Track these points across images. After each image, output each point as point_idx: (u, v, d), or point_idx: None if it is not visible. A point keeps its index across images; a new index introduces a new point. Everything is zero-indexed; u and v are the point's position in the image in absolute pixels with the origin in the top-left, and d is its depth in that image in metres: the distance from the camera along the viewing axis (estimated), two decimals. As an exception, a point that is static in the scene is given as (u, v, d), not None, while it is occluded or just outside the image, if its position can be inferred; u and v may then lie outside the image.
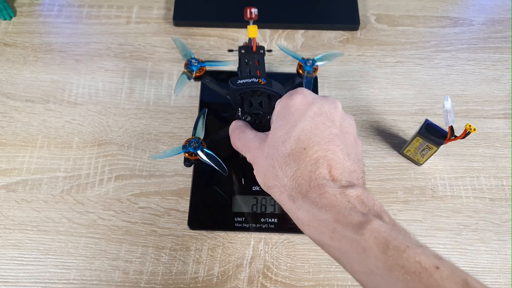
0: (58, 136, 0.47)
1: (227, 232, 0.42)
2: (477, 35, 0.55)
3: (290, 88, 0.37)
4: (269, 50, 0.46)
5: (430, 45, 0.54)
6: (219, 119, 0.48)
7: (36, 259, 0.41)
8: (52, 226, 0.42)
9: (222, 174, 0.38)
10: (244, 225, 0.42)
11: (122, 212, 0.43)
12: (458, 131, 0.39)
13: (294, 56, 0.46)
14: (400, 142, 0.47)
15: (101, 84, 0.50)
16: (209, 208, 0.43)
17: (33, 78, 0.51)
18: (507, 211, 0.44)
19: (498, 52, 0.53)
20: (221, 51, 0.53)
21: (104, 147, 0.47)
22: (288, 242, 0.42)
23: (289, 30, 0.55)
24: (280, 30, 0.55)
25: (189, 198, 0.43)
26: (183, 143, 0.39)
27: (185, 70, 0.44)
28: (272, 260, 0.41)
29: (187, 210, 0.43)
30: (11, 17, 0.55)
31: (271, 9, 0.55)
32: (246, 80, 0.36)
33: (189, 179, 0.45)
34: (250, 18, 0.40)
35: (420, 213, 0.44)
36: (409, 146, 0.44)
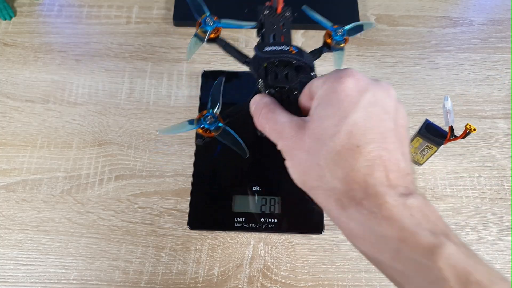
0: (58, 136, 0.47)
1: (227, 232, 0.42)
2: (477, 35, 0.55)
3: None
4: (295, 13, 0.40)
5: (430, 45, 0.54)
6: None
7: (36, 259, 0.41)
8: (52, 226, 0.42)
9: (241, 156, 0.34)
10: (244, 225, 0.42)
11: (122, 212, 0.43)
12: (458, 131, 0.39)
13: (322, 23, 0.41)
14: (400, 142, 0.47)
15: (101, 84, 0.50)
16: (209, 208, 0.43)
17: (33, 78, 0.51)
18: (507, 211, 0.44)
19: (498, 52, 0.53)
20: (221, 51, 0.53)
21: (104, 147, 0.47)
22: (288, 242, 0.42)
23: (289, 30, 0.55)
24: (280, 30, 0.55)
25: (189, 198, 0.43)
26: (197, 116, 0.34)
27: (198, 31, 0.38)
28: (272, 260, 0.41)
29: (187, 210, 0.43)
30: (11, 17, 0.55)
31: (271, 9, 0.55)
32: (275, 47, 0.31)
33: (189, 179, 0.45)
34: None
35: (420, 213, 0.44)
36: (409, 146, 0.44)
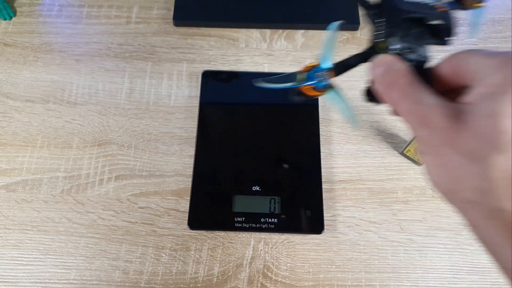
0: (58, 136, 0.47)
1: (227, 232, 0.42)
2: (477, 35, 0.55)
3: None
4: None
5: (430, 45, 0.54)
6: (218, 119, 0.48)
7: (36, 259, 0.41)
8: (52, 226, 0.42)
9: (352, 125, 0.28)
10: (244, 225, 0.42)
11: (122, 212, 0.43)
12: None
13: None
14: (400, 142, 0.47)
15: (101, 84, 0.50)
16: (209, 208, 0.43)
17: (33, 78, 0.51)
18: (507, 211, 0.44)
19: (498, 52, 0.53)
20: (221, 51, 0.53)
21: (104, 147, 0.47)
22: (288, 242, 0.42)
23: (289, 30, 0.55)
24: (280, 30, 0.55)
25: (189, 198, 0.43)
26: (303, 68, 0.26)
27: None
28: (272, 260, 0.41)
29: (187, 210, 0.43)
30: (11, 17, 0.55)
31: (271, 9, 0.55)
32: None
33: (189, 179, 0.45)
34: None
35: (420, 213, 0.44)
36: (409, 146, 0.44)
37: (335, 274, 0.41)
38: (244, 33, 0.54)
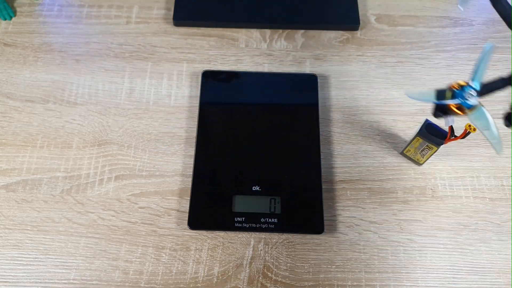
0: (58, 136, 0.47)
1: (227, 232, 0.42)
2: (477, 35, 0.55)
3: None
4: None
5: (430, 45, 0.54)
6: (218, 119, 0.48)
7: (36, 259, 0.41)
8: (52, 226, 0.42)
9: (495, 151, 0.27)
10: (244, 225, 0.42)
11: (122, 212, 0.43)
12: (458, 131, 0.39)
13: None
14: (400, 142, 0.47)
15: (101, 84, 0.51)
16: (209, 208, 0.43)
17: (33, 78, 0.51)
18: (507, 211, 0.44)
19: (498, 52, 0.53)
20: (221, 51, 0.53)
21: (104, 147, 0.47)
22: (288, 242, 0.42)
23: (289, 30, 0.55)
24: (280, 30, 0.55)
25: (189, 198, 0.43)
26: (451, 85, 0.27)
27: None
28: (272, 260, 0.41)
29: (187, 210, 0.43)
30: (11, 17, 0.55)
31: (271, 9, 0.55)
32: None
33: (189, 179, 0.45)
34: None
35: (420, 213, 0.44)
36: (409, 146, 0.44)
37: (335, 274, 0.41)
38: (244, 33, 0.54)
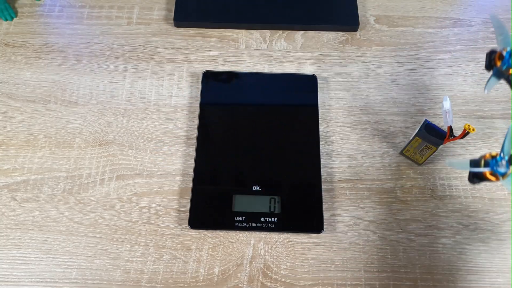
0: (59, 136, 0.47)
1: (227, 231, 0.43)
2: (476, 36, 0.55)
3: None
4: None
5: (429, 46, 0.54)
6: (219, 119, 0.48)
7: (38, 259, 0.41)
8: (53, 226, 0.43)
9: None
10: (245, 224, 0.42)
11: (123, 212, 0.43)
12: (457, 131, 0.40)
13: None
14: (400, 142, 0.47)
15: (102, 85, 0.51)
16: (210, 208, 0.43)
17: (34, 78, 0.51)
18: (506, 210, 0.44)
19: (497, 53, 0.54)
20: (221, 52, 0.53)
21: (105, 147, 0.47)
22: (288, 242, 0.42)
23: (289, 31, 0.55)
24: (280, 31, 0.55)
25: (189, 198, 0.43)
26: (485, 156, 0.31)
27: (497, 63, 0.31)
28: (272, 260, 0.42)
29: (188, 210, 0.43)
30: (12, 18, 0.55)
31: (271, 10, 0.55)
32: None
33: (189, 179, 0.45)
34: None
35: (419, 212, 0.44)
36: (408, 146, 0.44)
37: (335, 273, 0.41)
38: (244, 34, 0.54)
